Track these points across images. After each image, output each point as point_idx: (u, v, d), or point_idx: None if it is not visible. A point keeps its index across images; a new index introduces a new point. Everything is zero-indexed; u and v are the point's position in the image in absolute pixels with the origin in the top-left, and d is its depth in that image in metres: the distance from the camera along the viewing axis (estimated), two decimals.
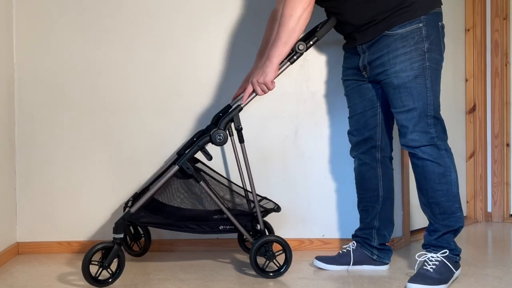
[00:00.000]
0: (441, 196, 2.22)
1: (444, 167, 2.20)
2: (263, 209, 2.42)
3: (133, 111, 2.73)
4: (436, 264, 2.20)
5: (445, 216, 2.23)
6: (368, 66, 2.26)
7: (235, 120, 2.29)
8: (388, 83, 2.21)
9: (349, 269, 2.42)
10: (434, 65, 2.17)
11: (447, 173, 2.20)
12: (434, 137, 2.19)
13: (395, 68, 2.17)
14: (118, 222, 2.22)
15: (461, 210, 2.26)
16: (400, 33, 2.14)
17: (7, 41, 2.64)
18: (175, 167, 2.24)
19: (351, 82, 2.39)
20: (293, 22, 2.13)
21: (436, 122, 2.21)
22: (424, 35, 2.14)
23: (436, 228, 2.26)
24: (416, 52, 2.14)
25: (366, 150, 2.40)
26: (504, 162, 3.47)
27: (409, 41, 2.14)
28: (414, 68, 2.15)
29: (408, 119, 2.20)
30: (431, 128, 2.19)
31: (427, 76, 2.16)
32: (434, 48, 2.17)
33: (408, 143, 2.22)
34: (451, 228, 2.24)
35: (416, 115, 2.18)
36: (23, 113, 2.70)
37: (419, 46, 2.14)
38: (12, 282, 2.29)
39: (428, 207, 2.26)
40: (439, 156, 2.20)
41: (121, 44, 2.72)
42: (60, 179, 2.72)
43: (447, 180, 2.21)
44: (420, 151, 2.20)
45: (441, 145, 2.21)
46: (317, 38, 2.28)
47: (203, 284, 2.25)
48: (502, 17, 3.43)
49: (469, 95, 3.45)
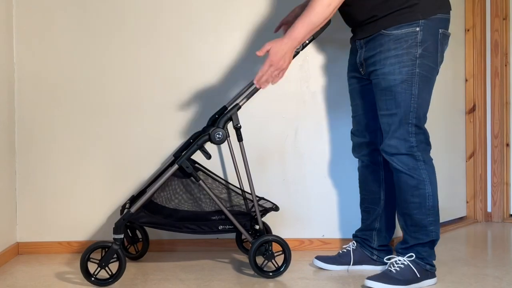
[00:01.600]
0: (413, 208, 2.18)
1: (418, 180, 2.15)
2: (262, 208, 2.42)
3: (134, 111, 2.73)
4: (401, 267, 2.19)
5: (416, 229, 2.20)
6: (364, 63, 2.25)
7: (234, 119, 2.29)
8: (376, 84, 2.19)
9: (349, 269, 2.42)
10: (424, 72, 2.12)
11: (420, 186, 2.16)
12: (413, 146, 2.15)
13: (383, 70, 2.14)
14: (118, 222, 2.22)
15: (435, 224, 2.20)
16: (395, 34, 2.11)
17: (7, 41, 2.64)
18: (175, 166, 2.24)
19: (353, 80, 2.37)
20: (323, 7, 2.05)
21: (418, 131, 2.15)
22: (419, 40, 2.09)
23: (406, 239, 2.24)
24: (407, 57, 2.10)
25: (368, 152, 2.39)
26: (504, 162, 3.47)
27: (402, 44, 2.10)
28: (403, 73, 2.11)
29: (388, 124, 2.17)
30: (411, 137, 2.14)
31: (415, 82, 2.11)
32: (428, 55, 2.11)
33: (385, 148, 2.19)
34: (420, 241, 2.20)
35: (397, 120, 2.14)
36: (23, 113, 2.71)
37: (411, 50, 2.09)
38: (12, 282, 2.29)
39: (402, 216, 2.25)
40: (415, 168, 2.15)
41: (121, 44, 2.72)
42: (60, 179, 2.72)
43: (420, 193, 2.16)
44: (396, 160, 2.16)
45: (419, 155, 2.16)
46: (313, 37, 2.28)
47: (203, 284, 2.25)
48: (502, 17, 3.43)
49: (469, 95, 3.45)
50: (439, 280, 2.26)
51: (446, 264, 2.50)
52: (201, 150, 2.27)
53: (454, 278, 2.30)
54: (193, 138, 2.50)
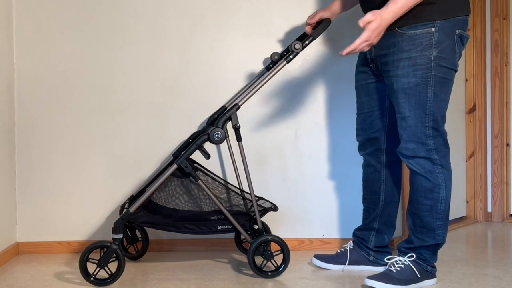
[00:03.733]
0: (424, 210, 2.17)
1: (434, 183, 2.13)
2: (261, 208, 2.42)
3: (133, 111, 2.73)
4: (402, 266, 2.18)
5: (423, 230, 2.19)
6: (376, 60, 2.19)
7: (233, 119, 2.29)
8: (389, 85, 2.15)
9: (344, 269, 2.41)
10: (440, 74, 2.05)
11: (435, 190, 2.14)
12: (432, 150, 2.12)
13: (397, 72, 2.08)
14: (117, 222, 2.22)
15: (443, 228, 2.19)
16: (409, 35, 2.04)
17: (7, 41, 2.64)
18: (174, 166, 2.24)
19: (361, 76, 2.31)
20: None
21: (436, 134, 2.12)
22: (434, 42, 2.02)
23: (411, 239, 2.22)
24: (421, 59, 2.03)
25: (371, 151, 2.37)
26: (504, 162, 3.47)
27: (416, 46, 2.03)
28: (417, 76, 2.04)
29: (402, 127, 2.13)
30: (429, 140, 2.11)
31: (430, 85, 2.05)
32: (444, 57, 2.04)
33: (402, 151, 2.16)
34: (425, 244, 2.19)
35: (412, 124, 2.10)
36: (23, 113, 2.71)
37: (426, 53, 2.02)
38: (12, 282, 2.29)
39: (411, 216, 2.23)
40: (431, 171, 2.13)
41: (121, 44, 2.72)
42: (60, 179, 2.72)
43: (434, 196, 2.15)
44: (414, 162, 2.14)
45: (436, 159, 2.13)
46: (313, 37, 2.28)
47: (203, 284, 2.25)
48: (502, 17, 3.43)
49: (469, 95, 3.45)
50: (439, 280, 2.26)
51: (446, 264, 2.50)
52: (200, 150, 2.27)
53: (454, 278, 2.30)
54: (192, 138, 2.50)
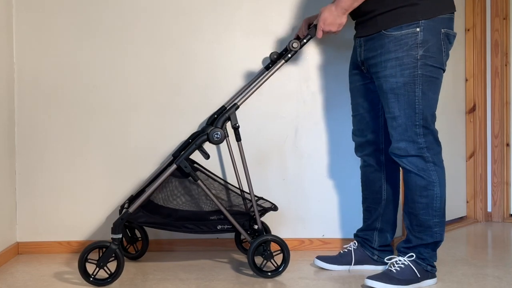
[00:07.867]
0: (420, 208, 2.18)
1: (428, 180, 2.15)
2: (261, 208, 2.42)
3: (133, 111, 2.73)
4: (401, 266, 2.19)
5: (421, 229, 2.19)
6: (365, 63, 2.24)
7: (232, 119, 2.29)
8: (379, 86, 2.19)
9: (350, 269, 2.42)
10: (427, 73, 2.10)
11: (429, 187, 2.15)
12: (423, 148, 2.14)
13: (385, 72, 2.13)
14: (116, 222, 2.22)
15: (440, 225, 2.20)
16: (394, 36, 2.09)
17: (7, 41, 2.64)
18: (173, 166, 2.24)
19: (355, 78, 2.36)
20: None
21: (426, 132, 2.14)
22: (420, 41, 2.07)
23: (410, 239, 2.23)
24: (408, 59, 2.08)
25: (370, 152, 2.38)
26: (504, 162, 3.47)
27: (402, 46, 2.08)
28: (404, 75, 2.09)
29: (393, 127, 2.16)
30: (420, 138, 2.13)
31: (418, 84, 2.09)
32: (430, 56, 2.09)
33: (394, 151, 2.18)
34: (423, 242, 2.19)
35: (402, 123, 2.13)
36: (23, 113, 2.71)
37: (412, 52, 2.08)
38: (12, 282, 2.29)
39: (408, 215, 2.24)
40: (424, 169, 2.15)
41: (121, 44, 2.72)
42: (60, 179, 2.72)
43: (429, 193, 2.16)
44: (406, 161, 2.16)
45: (428, 157, 2.15)
46: (310, 35, 2.28)
47: (203, 284, 2.25)
48: (502, 17, 3.43)
49: (469, 95, 3.45)
50: (439, 280, 2.26)
51: (446, 264, 2.50)
52: (200, 150, 2.28)
53: (454, 278, 2.30)
54: (192, 138, 2.50)
